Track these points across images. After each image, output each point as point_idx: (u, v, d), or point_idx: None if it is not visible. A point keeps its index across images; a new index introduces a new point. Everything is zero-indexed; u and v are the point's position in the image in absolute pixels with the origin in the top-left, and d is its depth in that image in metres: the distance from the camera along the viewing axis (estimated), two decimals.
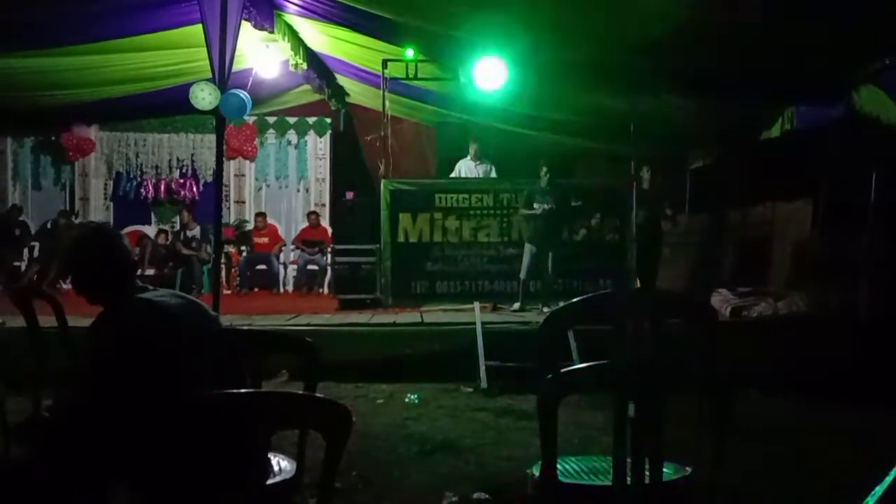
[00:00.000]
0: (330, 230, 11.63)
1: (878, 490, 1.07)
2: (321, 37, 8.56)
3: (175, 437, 1.71)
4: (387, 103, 9.00)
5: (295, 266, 12.32)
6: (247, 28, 7.30)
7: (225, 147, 8.55)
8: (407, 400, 6.03)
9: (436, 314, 8.24)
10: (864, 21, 5.54)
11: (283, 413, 1.77)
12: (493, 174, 9.66)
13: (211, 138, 11.07)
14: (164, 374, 2.18)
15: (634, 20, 5.92)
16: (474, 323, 6.98)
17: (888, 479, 1.08)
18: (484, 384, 6.38)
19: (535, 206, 8.34)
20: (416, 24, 7.17)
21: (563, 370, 2.17)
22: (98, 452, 2.08)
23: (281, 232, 12.68)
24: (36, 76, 8.66)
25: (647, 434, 2.13)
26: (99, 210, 12.95)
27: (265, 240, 12.18)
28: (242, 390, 2.05)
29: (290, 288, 12.34)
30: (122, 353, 2.22)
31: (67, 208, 12.60)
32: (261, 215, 12.42)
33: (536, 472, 2.46)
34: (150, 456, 1.77)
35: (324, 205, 13.00)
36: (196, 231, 11.32)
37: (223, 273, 10.61)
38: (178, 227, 12.32)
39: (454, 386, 6.43)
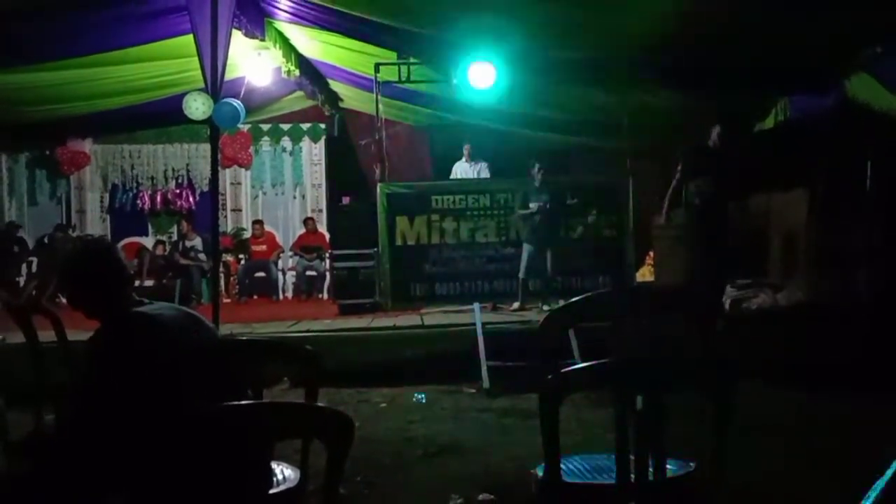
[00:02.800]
0: (327, 235, 11.62)
1: (880, 483, 1.07)
2: (312, 43, 8.56)
3: (176, 450, 1.71)
4: (380, 107, 9.00)
5: (294, 272, 12.31)
6: (238, 37, 7.29)
7: (220, 156, 8.54)
8: (414, 400, 6.01)
9: (436, 316, 8.23)
10: (855, 9, 5.55)
11: (284, 424, 1.77)
12: (486, 172, 9.66)
13: (206, 148, 11.09)
14: (163, 387, 2.18)
15: (627, 15, 5.93)
16: (474, 324, 6.98)
17: (890, 472, 1.08)
18: (486, 385, 6.37)
19: (532, 205, 8.34)
20: (406, 27, 7.17)
21: (563, 369, 2.17)
22: (99, 467, 2.07)
23: (278, 239, 12.68)
24: (28, 91, 8.65)
25: (649, 431, 2.13)
26: (96, 223, 12.94)
27: (263, 247, 12.17)
28: (242, 402, 2.05)
29: (289, 294, 12.33)
30: (119, 368, 2.22)
31: (64, 222, 12.59)
32: (258, 223, 12.43)
33: (540, 471, 2.46)
34: (152, 470, 1.77)
35: (321, 210, 13.00)
36: (196, 241, 11.33)
37: (222, 282, 10.60)
38: (175, 237, 12.33)
39: (456, 387, 6.43)
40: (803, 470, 4.19)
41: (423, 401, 5.99)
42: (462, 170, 9.75)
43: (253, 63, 8.61)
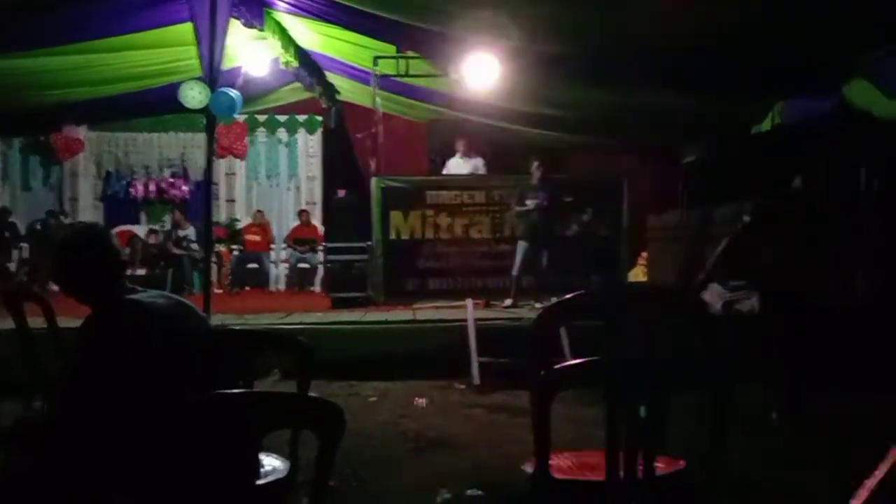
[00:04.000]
0: (321, 228, 11.62)
1: (871, 482, 1.07)
2: (311, 34, 8.54)
3: (165, 439, 1.70)
4: (377, 100, 8.99)
5: (286, 265, 12.29)
6: (236, 26, 7.27)
7: (215, 146, 8.52)
8: (415, 403, 5.96)
9: (428, 311, 8.23)
10: (853, 13, 5.56)
11: (275, 413, 1.76)
12: (482, 169, 9.65)
13: (201, 137, 11.02)
14: (153, 375, 2.17)
15: (627, 15, 5.93)
16: (466, 320, 6.97)
17: (882, 471, 1.08)
18: (477, 381, 6.37)
19: (527, 202, 8.34)
20: (406, 21, 7.15)
21: (555, 367, 2.17)
22: (88, 457, 2.06)
23: (272, 230, 12.66)
24: (24, 77, 8.60)
25: (640, 428, 2.13)
26: (89, 210, 12.90)
27: (258, 238, 12.15)
28: (233, 391, 2.04)
29: (281, 286, 12.33)
30: (110, 355, 2.21)
31: (57, 209, 12.55)
32: (260, 212, 12.41)
33: (530, 467, 2.46)
34: (140, 459, 1.76)
35: (315, 203, 12.98)
36: (189, 231, 11.30)
37: (214, 272, 10.58)
38: (168, 226, 12.30)
39: (447, 383, 6.43)
40: (800, 470, 4.20)
41: (424, 405, 5.91)
42: (456, 165, 9.74)
43: (251, 53, 8.59)
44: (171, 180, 12.91)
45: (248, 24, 7.53)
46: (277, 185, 13.18)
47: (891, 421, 4.66)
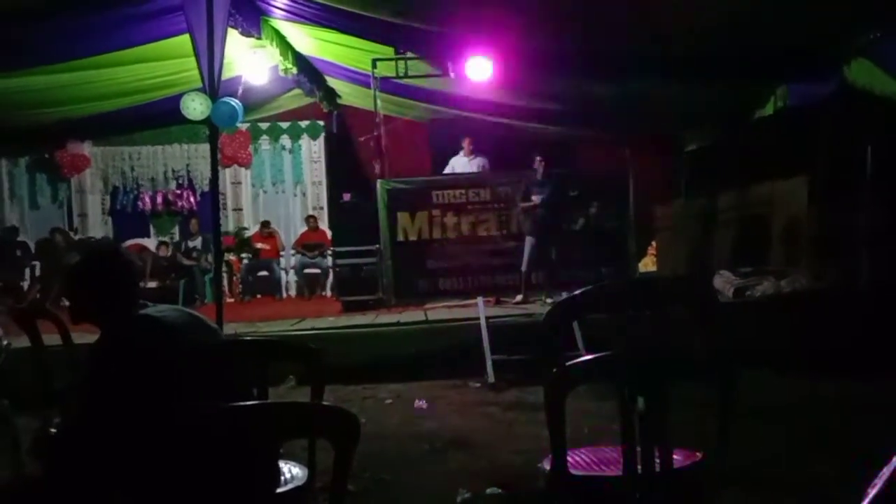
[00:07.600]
0: (329, 233, 11.63)
1: (887, 469, 1.07)
2: (309, 40, 8.54)
3: (183, 452, 1.71)
4: (378, 103, 8.98)
5: (296, 270, 12.32)
6: (234, 35, 7.27)
7: (219, 155, 8.53)
8: (416, 405, 5.96)
9: (439, 311, 8.24)
10: None
11: (290, 424, 1.77)
12: (487, 168, 9.65)
13: (205, 148, 11.09)
14: (168, 389, 2.18)
15: (626, 5, 5.92)
16: (478, 318, 6.97)
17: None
18: (491, 379, 6.38)
19: (534, 197, 8.34)
20: (403, 22, 7.15)
21: (568, 363, 2.16)
22: (103, 470, 2.07)
23: (280, 237, 12.69)
24: (26, 95, 8.64)
25: (655, 422, 2.12)
26: (98, 225, 12.95)
27: (268, 246, 12.18)
28: (247, 403, 2.05)
29: (292, 293, 12.35)
30: (125, 370, 2.22)
31: (66, 226, 12.61)
32: (265, 224, 12.44)
33: (547, 465, 2.46)
34: (158, 473, 1.77)
35: (321, 208, 13.00)
36: (197, 242, 11.34)
37: (225, 282, 10.61)
38: (177, 237, 12.34)
39: (462, 382, 6.43)
40: (808, 454, 4.19)
41: (425, 406, 5.89)
42: (461, 164, 9.74)
43: (250, 62, 8.60)
44: (178, 192, 12.96)
45: (246, 33, 7.54)
46: (283, 192, 13.20)
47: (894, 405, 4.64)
